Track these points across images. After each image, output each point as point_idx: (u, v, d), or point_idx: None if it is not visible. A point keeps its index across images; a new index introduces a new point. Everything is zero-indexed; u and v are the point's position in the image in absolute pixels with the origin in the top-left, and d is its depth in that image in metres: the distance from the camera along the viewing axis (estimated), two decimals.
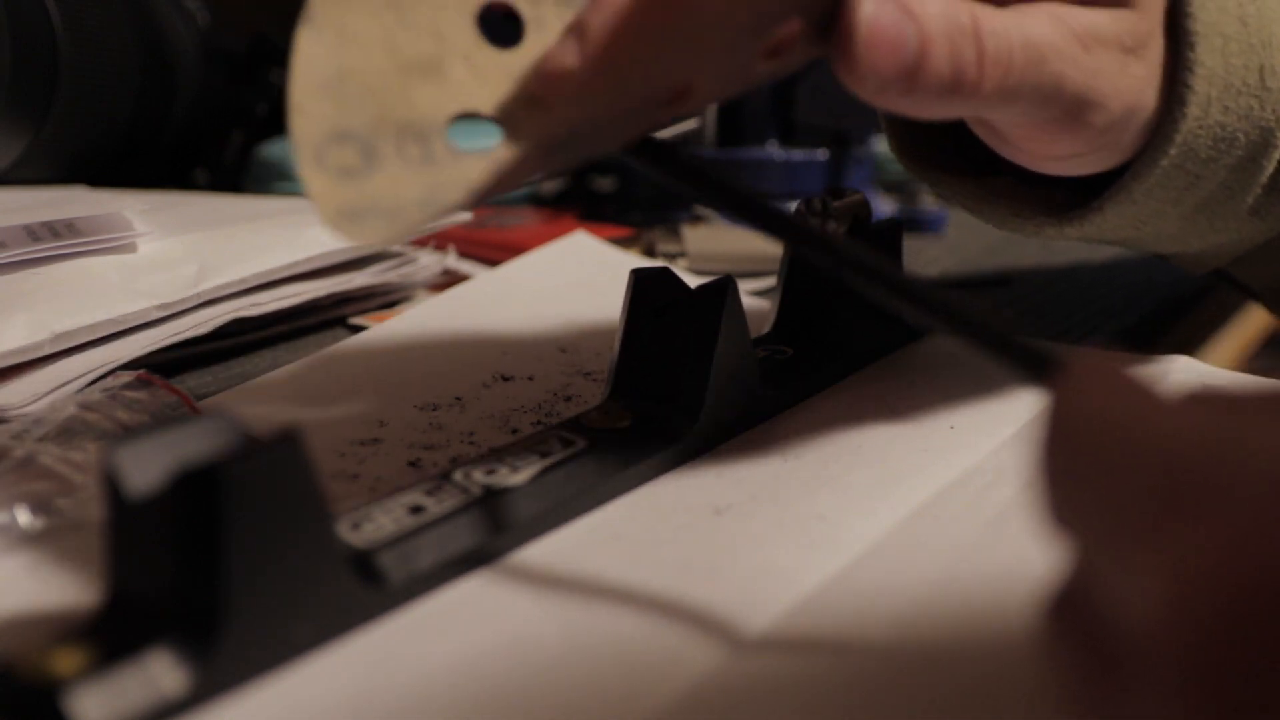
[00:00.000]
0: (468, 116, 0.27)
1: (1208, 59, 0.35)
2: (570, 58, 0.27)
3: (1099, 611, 0.19)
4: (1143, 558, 0.17)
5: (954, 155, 0.41)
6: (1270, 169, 0.39)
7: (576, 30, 0.27)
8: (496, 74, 0.28)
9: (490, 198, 0.28)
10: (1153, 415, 0.18)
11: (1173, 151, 0.36)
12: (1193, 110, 0.35)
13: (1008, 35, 0.31)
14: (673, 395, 0.36)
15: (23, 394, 0.39)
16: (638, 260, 0.57)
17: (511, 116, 0.27)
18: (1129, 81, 0.34)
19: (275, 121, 0.70)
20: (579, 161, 0.30)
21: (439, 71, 0.27)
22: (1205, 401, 0.19)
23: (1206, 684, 0.15)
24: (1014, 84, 0.32)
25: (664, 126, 0.30)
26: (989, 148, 0.38)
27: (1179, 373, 0.41)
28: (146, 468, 0.25)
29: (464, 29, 0.27)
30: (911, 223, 0.71)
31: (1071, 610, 0.19)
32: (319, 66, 0.25)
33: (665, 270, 0.37)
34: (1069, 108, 0.33)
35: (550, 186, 0.79)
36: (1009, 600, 0.27)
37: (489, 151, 0.27)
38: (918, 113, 0.31)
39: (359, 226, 0.25)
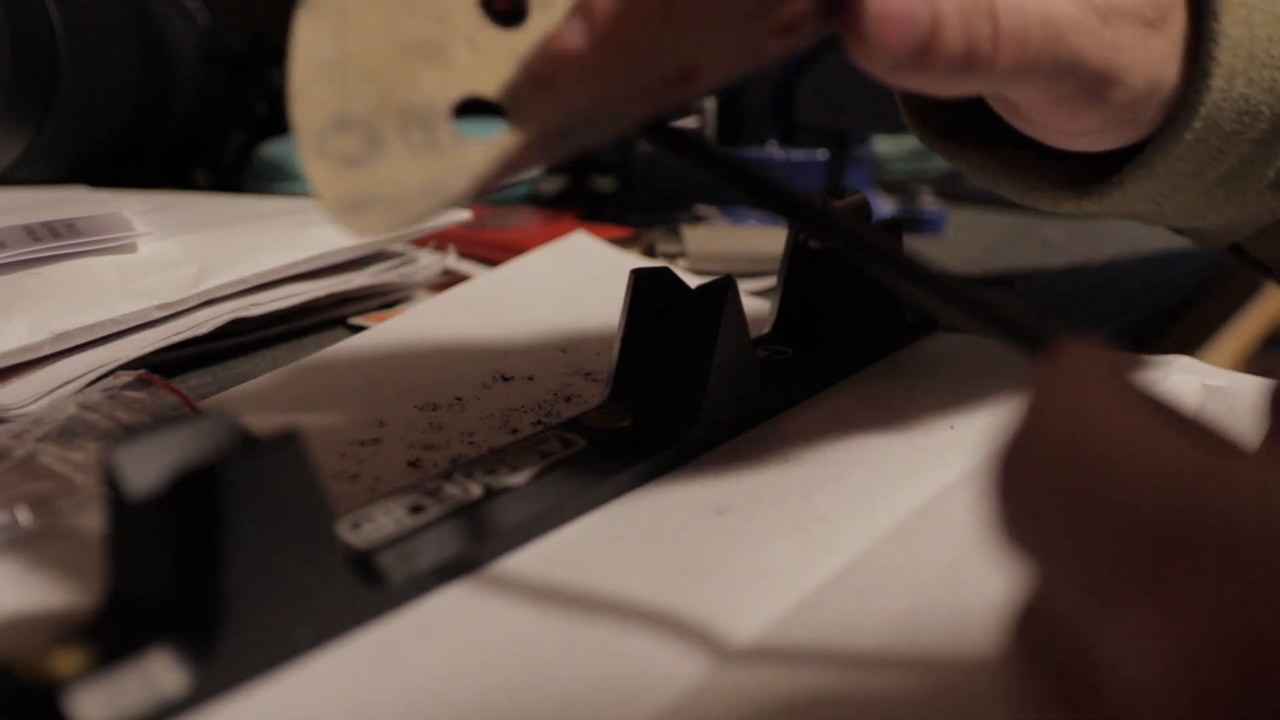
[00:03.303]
0: (473, 100, 0.27)
1: (1232, 29, 0.35)
2: (576, 37, 0.26)
3: (1066, 636, 0.18)
4: (1134, 604, 0.16)
5: (970, 127, 0.41)
6: None
7: (582, 8, 0.26)
8: (500, 55, 0.27)
9: (497, 186, 0.27)
10: (1151, 440, 0.17)
11: (1196, 125, 0.35)
12: (1217, 83, 0.35)
13: (1023, 10, 0.30)
14: (673, 395, 0.36)
15: (23, 394, 0.39)
16: (638, 260, 0.57)
17: (517, 100, 0.27)
18: (1150, 55, 0.34)
19: (275, 121, 0.70)
20: (589, 145, 0.29)
21: (442, 54, 0.26)
22: (1207, 435, 0.18)
23: None
24: (1031, 60, 0.31)
25: (673, 107, 0.29)
26: (1003, 122, 0.37)
27: (1179, 372, 0.41)
28: (146, 468, 0.25)
29: (467, 10, 0.27)
30: (911, 223, 0.71)
31: (1037, 631, 0.18)
32: (319, 51, 0.25)
33: (665, 270, 0.37)
34: (1088, 83, 0.33)
35: (550, 186, 0.79)
36: (1009, 602, 0.27)
37: (495, 137, 0.26)
38: (932, 89, 0.31)
39: (363, 217, 0.25)
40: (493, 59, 0.27)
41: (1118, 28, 0.33)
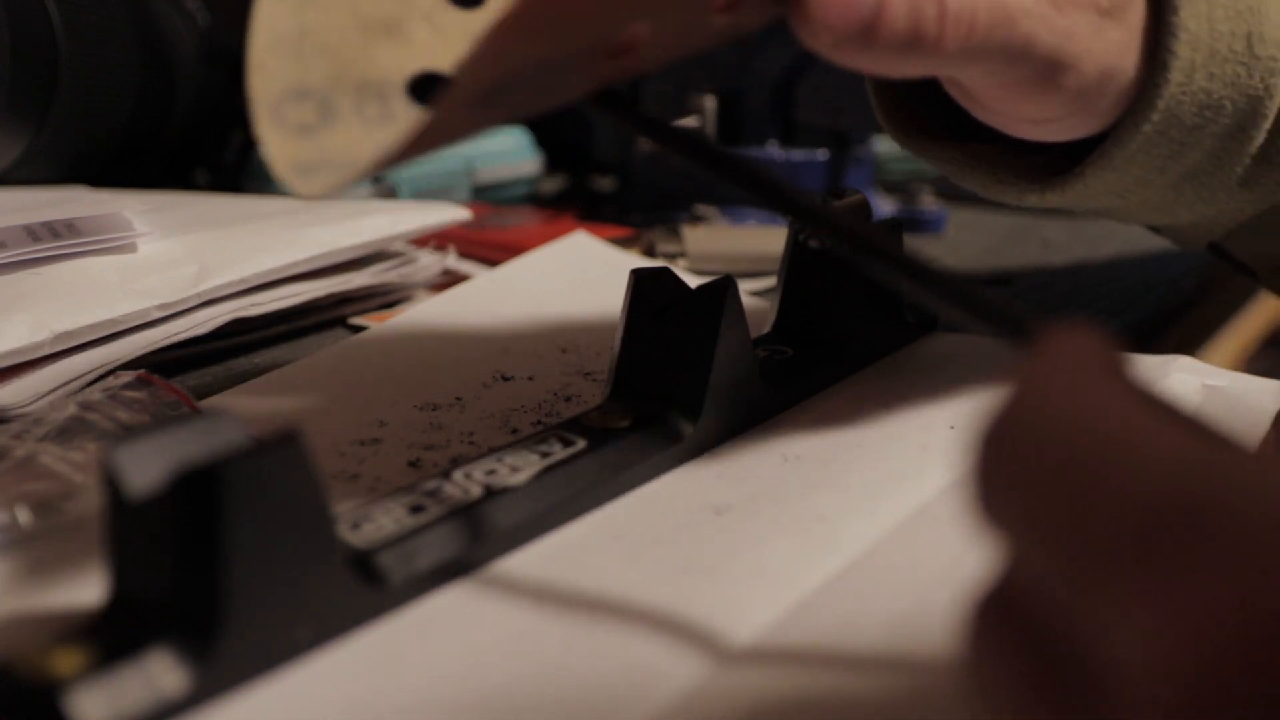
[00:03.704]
0: (428, 75, 0.27)
1: (1191, 23, 0.35)
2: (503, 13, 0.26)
3: (1043, 618, 0.17)
4: (1126, 588, 0.16)
5: (940, 123, 0.41)
6: (1259, 139, 0.38)
7: None
8: (458, 34, 0.27)
9: (424, 152, 0.27)
10: (1146, 425, 0.17)
11: (1155, 118, 0.35)
12: (1176, 76, 0.35)
13: None
14: (673, 395, 0.36)
15: (23, 394, 0.39)
16: (638, 260, 0.57)
17: (460, 73, 0.27)
18: (1104, 44, 0.34)
19: None
20: (527, 113, 0.29)
21: (400, 31, 0.27)
22: (1198, 426, 0.17)
23: None
24: (979, 43, 0.31)
25: (618, 81, 0.29)
26: (971, 117, 0.38)
27: (1179, 372, 0.41)
28: (146, 468, 0.25)
29: None
30: (911, 223, 0.71)
31: (1009, 612, 0.18)
32: (279, 25, 0.26)
33: (665, 270, 0.37)
34: (1040, 69, 0.33)
35: (550, 186, 0.79)
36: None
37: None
38: (878, 69, 0.31)
39: (312, 179, 0.26)
40: (451, 37, 0.27)
41: (1071, 15, 0.33)
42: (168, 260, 0.46)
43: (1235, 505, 0.15)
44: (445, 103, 0.25)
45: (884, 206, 0.73)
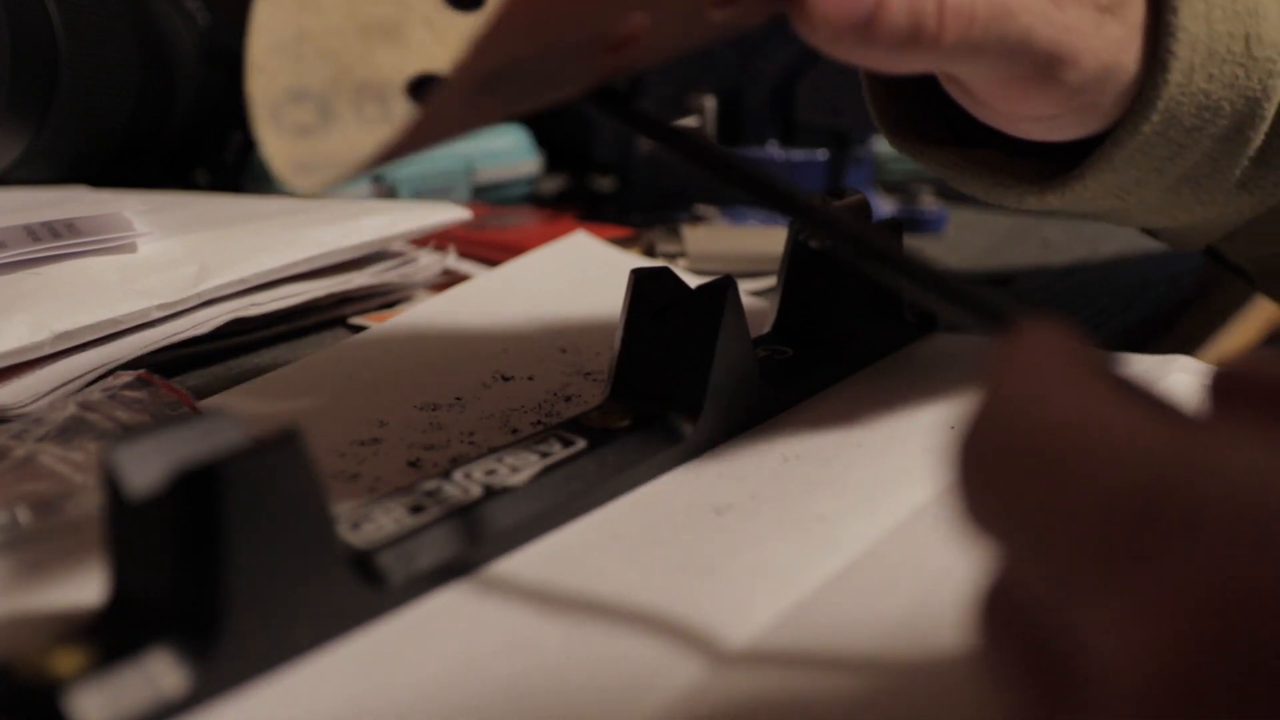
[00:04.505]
0: (426, 76, 0.27)
1: (1190, 24, 0.35)
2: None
3: (1034, 618, 0.18)
4: (1106, 585, 0.16)
5: (937, 127, 0.41)
6: (1257, 141, 0.38)
7: None
8: (456, 37, 0.27)
9: (424, 146, 0.27)
10: (1109, 421, 0.17)
11: (1154, 118, 0.35)
12: (1175, 76, 0.35)
13: None
14: (673, 395, 0.36)
15: (23, 394, 0.39)
16: (638, 260, 0.57)
17: (452, 69, 0.27)
18: (1103, 41, 0.34)
19: None
20: (522, 110, 0.29)
21: (400, 34, 0.27)
22: (1166, 414, 0.17)
23: None
24: (978, 37, 0.31)
25: (618, 75, 0.29)
26: (970, 120, 0.38)
27: (1179, 372, 0.41)
28: (146, 468, 0.25)
29: None
30: (911, 223, 0.71)
31: (1004, 614, 0.18)
32: (278, 28, 0.26)
33: (665, 270, 0.37)
34: (1039, 64, 0.33)
35: (550, 186, 0.79)
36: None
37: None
38: (877, 65, 0.31)
39: (309, 175, 0.26)
40: (449, 39, 0.27)
41: (1070, 10, 0.33)
42: (168, 260, 0.46)
43: (1202, 494, 0.15)
44: (443, 94, 0.25)
45: (884, 206, 0.73)
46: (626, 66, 0.29)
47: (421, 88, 0.27)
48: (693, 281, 0.37)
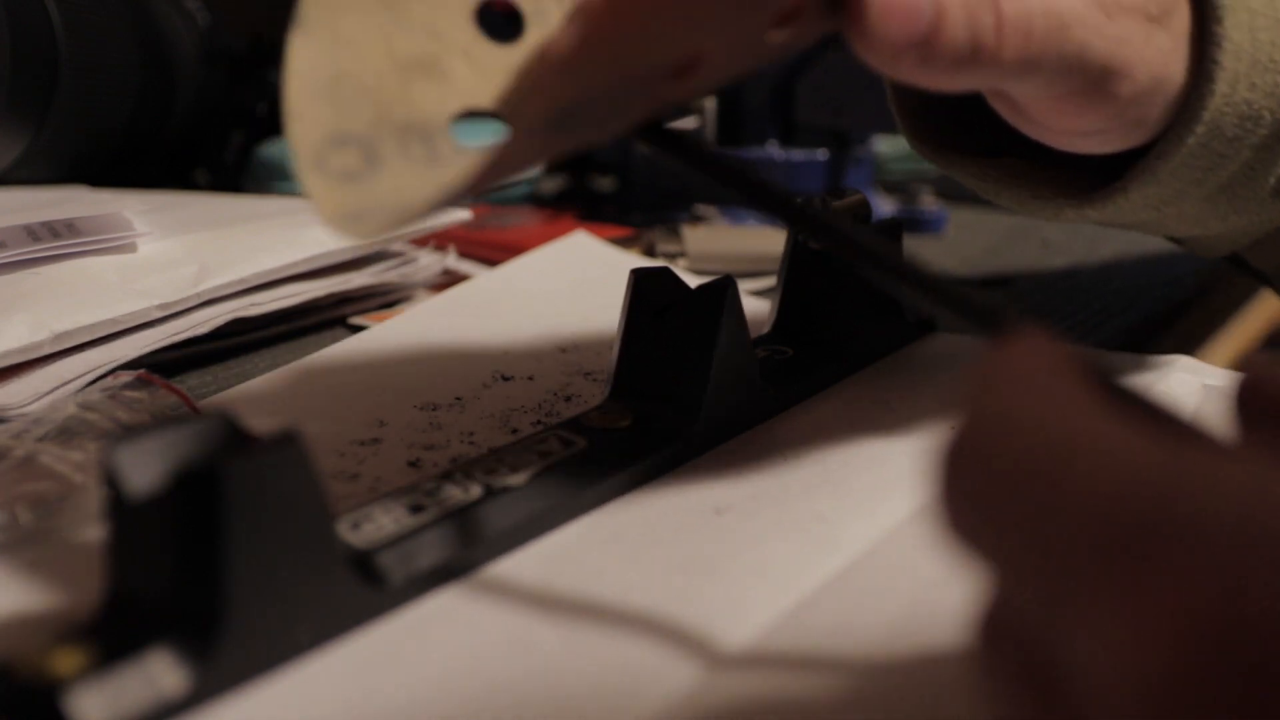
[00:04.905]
0: (471, 113, 0.27)
1: (1235, 34, 0.35)
2: (570, 39, 0.25)
3: (1027, 632, 0.17)
4: (1096, 600, 0.15)
5: (965, 138, 0.40)
6: None
7: (578, 12, 0.26)
8: (497, 70, 0.27)
9: (493, 184, 0.27)
10: (1098, 432, 0.17)
11: (1200, 129, 0.35)
12: (1221, 87, 0.35)
13: (1026, 1, 0.30)
14: (673, 395, 0.36)
15: (23, 394, 0.39)
16: (638, 260, 0.57)
17: (510, 105, 0.27)
18: (1154, 51, 0.33)
19: (275, 121, 0.70)
20: (595, 139, 0.29)
21: (439, 69, 0.26)
22: (1159, 424, 0.17)
23: None
24: (1035, 52, 0.31)
25: (675, 103, 0.29)
26: (1002, 130, 0.37)
27: (1179, 372, 0.41)
28: (146, 468, 0.25)
29: (462, 26, 0.27)
30: (911, 223, 0.71)
31: (998, 628, 0.18)
32: (314, 70, 0.25)
33: (665, 270, 0.37)
34: (1094, 77, 0.33)
35: (550, 186, 0.79)
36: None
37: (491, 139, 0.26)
38: (935, 84, 0.30)
39: (361, 225, 0.25)
40: (490, 73, 0.27)
41: (1121, 21, 0.33)
42: (168, 260, 0.46)
43: (1200, 503, 0.15)
44: (515, 135, 0.24)
45: (884, 206, 0.73)
46: (690, 94, 0.29)
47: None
48: (693, 281, 0.37)
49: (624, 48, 0.26)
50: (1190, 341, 0.62)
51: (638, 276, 0.37)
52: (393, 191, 0.25)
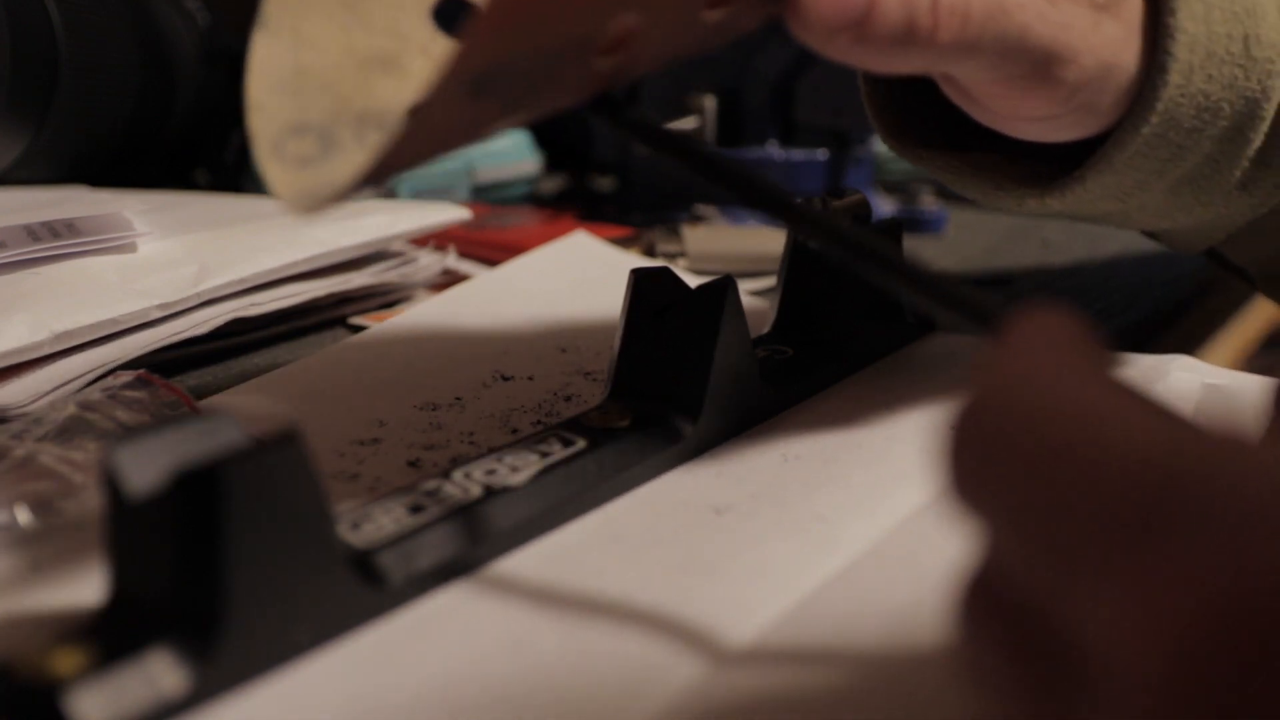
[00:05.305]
0: None
1: (1189, 24, 0.35)
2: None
3: (1023, 602, 0.17)
4: (1106, 572, 0.15)
5: (936, 132, 0.41)
6: (1257, 142, 0.38)
7: None
8: None
9: (428, 157, 0.27)
10: (1115, 406, 0.17)
11: (1154, 119, 0.35)
12: (1174, 77, 0.35)
13: None
14: (673, 395, 0.36)
15: (23, 394, 0.39)
16: (638, 260, 0.57)
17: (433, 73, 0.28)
18: (1101, 39, 0.34)
19: None
20: (526, 115, 0.29)
21: (397, 65, 0.27)
22: (1163, 408, 0.17)
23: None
24: (973, 35, 0.31)
25: (613, 81, 0.29)
26: (969, 126, 0.37)
27: (1179, 371, 0.41)
28: (146, 468, 0.25)
29: (421, 24, 0.27)
30: (911, 223, 0.71)
31: (989, 598, 0.18)
32: (276, 66, 0.26)
33: (665, 270, 0.37)
34: (1036, 62, 0.33)
35: (550, 186, 0.79)
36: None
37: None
38: (872, 65, 0.31)
39: (310, 201, 0.26)
40: None
41: (1065, 8, 0.33)
42: (168, 260, 0.46)
43: (1206, 487, 0.15)
44: (432, 94, 0.25)
45: (884, 206, 0.73)
46: (624, 71, 0.29)
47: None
48: (693, 281, 0.37)
49: (539, 14, 0.26)
50: (1190, 341, 0.62)
51: (638, 276, 0.37)
52: (345, 171, 0.26)
